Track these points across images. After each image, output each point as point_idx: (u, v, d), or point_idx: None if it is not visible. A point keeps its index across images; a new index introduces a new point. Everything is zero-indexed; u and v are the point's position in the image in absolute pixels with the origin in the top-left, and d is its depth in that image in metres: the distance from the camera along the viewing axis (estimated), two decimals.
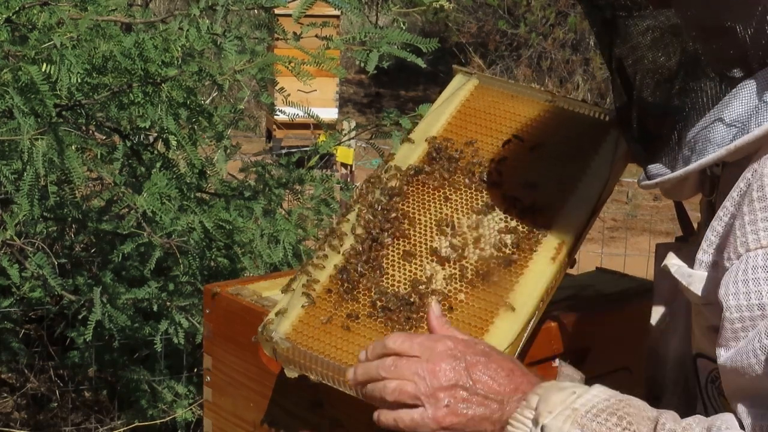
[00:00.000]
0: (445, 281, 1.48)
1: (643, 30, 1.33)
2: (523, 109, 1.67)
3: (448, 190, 1.58)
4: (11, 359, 4.00)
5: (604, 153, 1.57)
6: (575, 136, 1.61)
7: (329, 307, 1.48)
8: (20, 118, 2.59)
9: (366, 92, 16.17)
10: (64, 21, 2.76)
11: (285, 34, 3.08)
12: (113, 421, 3.98)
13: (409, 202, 1.57)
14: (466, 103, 1.73)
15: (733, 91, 1.23)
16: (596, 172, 1.56)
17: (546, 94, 1.70)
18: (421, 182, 1.59)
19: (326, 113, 8.99)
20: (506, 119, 1.66)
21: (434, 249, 1.51)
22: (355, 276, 1.49)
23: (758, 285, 1.12)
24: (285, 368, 1.46)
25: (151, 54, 2.78)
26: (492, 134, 1.65)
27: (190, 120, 3.03)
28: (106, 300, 3.04)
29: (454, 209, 1.56)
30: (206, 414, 1.85)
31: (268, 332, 1.47)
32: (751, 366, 1.12)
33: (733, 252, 1.17)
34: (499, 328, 1.42)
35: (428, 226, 1.54)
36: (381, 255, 1.51)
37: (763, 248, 1.13)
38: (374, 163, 8.69)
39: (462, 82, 1.78)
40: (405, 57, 3.05)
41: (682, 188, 1.37)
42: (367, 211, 1.56)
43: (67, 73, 2.65)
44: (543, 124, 1.64)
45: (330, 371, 1.41)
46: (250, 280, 1.85)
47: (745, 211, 1.16)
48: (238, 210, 3.19)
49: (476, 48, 13.58)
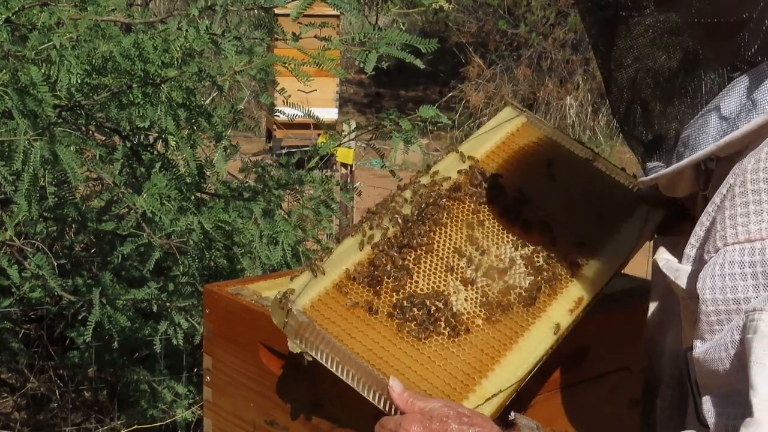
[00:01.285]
0: (465, 302, 1.51)
1: (642, 30, 1.35)
2: (564, 160, 1.74)
3: (483, 215, 1.63)
4: (11, 359, 4.00)
5: (634, 222, 1.65)
6: (609, 200, 1.69)
7: (352, 294, 1.48)
8: (19, 118, 2.59)
9: (366, 92, 16.17)
10: (64, 21, 2.76)
11: (284, 34, 3.08)
12: (113, 421, 3.98)
13: (445, 216, 1.61)
14: (512, 137, 1.78)
15: (726, 89, 1.25)
16: (624, 238, 1.63)
17: (587, 151, 1.77)
18: (460, 200, 1.64)
19: (326, 113, 8.99)
20: (546, 164, 1.73)
21: (460, 268, 1.55)
22: (382, 273, 1.51)
23: (734, 280, 1.14)
24: (290, 341, 1.44)
25: (151, 54, 2.78)
26: (530, 174, 1.71)
27: (189, 121, 3.02)
28: (106, 301, 3.04)
29: (486, 236, 1.60)
30: (206, 414, 1.85)
31: (286, 301, 1.44)
32: (722, 360, 1.13)
33: (712, 246, 1.19)
34: (510, 363, 1.44)
35: (459, 245, 1.58)
36: (409, 260, 1.54)
37: (740, 243, 1.15)
38: (374, 163, 8.69)
39: (510, 115, 1.82)
40: (403, 58, 3.05)
41: (678, 184, 1.39)
42: (403, 215, 1.59)
43: (66, 73, 2.65)
44: (581, 179, 1.71)
45: (338, 356, 1.40)
46: (250, 280, 1.85)
47: (727, 206, 1.18)
48: (238, 211, 3.19)
49: (476, 48, 13.57)
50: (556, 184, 1.67)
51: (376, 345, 1.42)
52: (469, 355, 1.44)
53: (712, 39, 1.25)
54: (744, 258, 1.13)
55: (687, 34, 1.31)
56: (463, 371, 1.41)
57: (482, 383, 1.40)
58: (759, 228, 1.14)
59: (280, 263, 3.17)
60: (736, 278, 1.14)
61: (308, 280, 1.50)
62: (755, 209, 1.15)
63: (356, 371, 1.38)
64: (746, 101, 1.21)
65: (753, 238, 1.14)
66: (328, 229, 3.59)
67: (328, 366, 1.41)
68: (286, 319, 1.43)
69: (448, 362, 1.42)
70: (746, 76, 1.22)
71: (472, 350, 1.44)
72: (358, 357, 1.38)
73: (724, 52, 1.25)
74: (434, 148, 11.75)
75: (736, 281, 1.13)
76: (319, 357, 1.42)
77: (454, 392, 1.37)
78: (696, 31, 1.28)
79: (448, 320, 1.47)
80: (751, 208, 1.15)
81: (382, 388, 1.35)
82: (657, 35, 1.34)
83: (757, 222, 1.14)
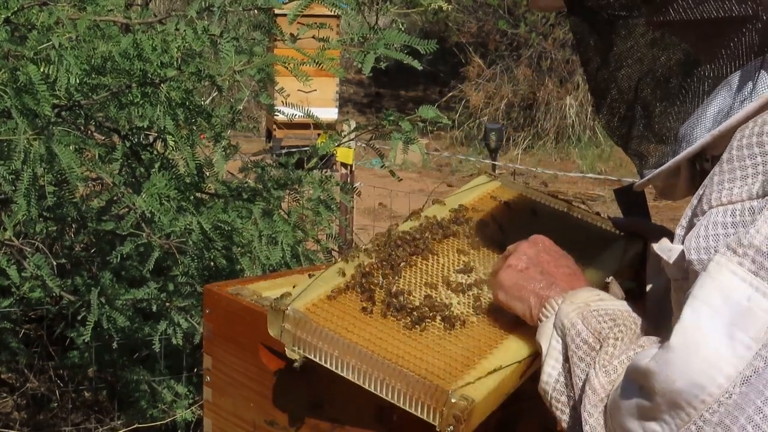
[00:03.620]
0: (459, 305, 1.53)
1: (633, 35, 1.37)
2: (542, 209, 1.87)
3: (470, 245, 1.71)
4: (11, 359, 4.00)
5: (614, 251, 1.74)
6: (588, 236, 1.79)
7: (347, 300, 1.50)
8: (18, 118, 2.59)
9: (366, 92, 16.18)
10: (63, 21, 2.76)
11: (283, 35, 3.08)
12: (113, 421, 3.98)
13: (435, 245, 1.68)
14: (490, 194, 1.89)
15: (716, 89, 1.28)
16: (606, 261, 1.70)
17: (562, 203, 1.89)
18: (447, 234, 1.72)
19: (326, 113, 8.99)
20: (529, 211, 1.86)
21: (451, 281, 1.60)
22: (376, 283, 1.54)
23: (717, 240, 1.18)
24: (287, 349, 1.45)
25: (149, 55, 2.78)
26: (511, 217, 1.82)
27: (188, 120, 3.02)
28: (105, 301, 3.04)
29: (473, 258, 1.67)
30: (206, 414, 1.85)
31: (282, 302, 1.45)
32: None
33: (699, 209, 1.23)
34: (509, 348, 1.45)
35: (450, 262, 1.64)
36: (403, 273, 1.59)
37: (723, 206, 1.19)
38: (374, 163, 8.69)
39: (484, 181, 1.93)
40: (401, 59, 3.05)
41: (675, 186, 1.40)
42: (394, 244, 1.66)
43: (65, 73, 2.65)
44: (560, 226, 1.80)
45: (337, 350, 1.40)
46: (250, 280, 1.85)
47: (716, 172, 1.22)
48: (237, 211, 3.19)
49: (476, 48, 13.57)
50: (535, 226, 1.71)
51: (374, 336, 1.43)
52: (466, 343, 1.45)
53: (703, 40, 1.29)
54: (726, 219, 1.18)
55: (678, 37, 1.34)
56: (462, 355, 1.42)
57: (482, 362, 1.41)
58: (740, 191, 1.18)
59: (280, 263, 3.17)
60: (719, 239, 1.18)
61: (304, 287, 1.51)
62: (740, 174, 1.19)
63: (356, 361, 1.38)
64: (734, 99, 1.25)
65: (734, 200, 1.18)
66: (328, 230, 3.59)
67: (328, 365, 1.41)
68: (283, 323, 1.44)
69: (447, 348, 1.43)
70: (736, 76, 1.26)
71: (469, 340, 1.46)
72: (357, 345, 1.39)
73: (715, 52, 1.28)
74: (434, 148, 11.76)
75: (719, 241, 1.18)
76: (318, 358, 1.42)
77: (455, 371, 1.38)
78: (688, 33, 1.31)
79: (445, 317, 1.49)
80: (737, 173, 1.20)
81: (384, 372, 1.36)
82: (648, 39, 1.36)
83: (740, 186, 1.18)
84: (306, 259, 3.31)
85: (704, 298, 1.14)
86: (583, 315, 1.34)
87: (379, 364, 1.37)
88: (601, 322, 1.32)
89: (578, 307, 1.35)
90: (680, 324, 1.15)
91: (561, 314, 1.36)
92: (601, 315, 1.33)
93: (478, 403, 1.32)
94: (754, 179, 1.18)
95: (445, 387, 1.33)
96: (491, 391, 1.37)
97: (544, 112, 12.79)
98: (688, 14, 1.27)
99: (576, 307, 1.35)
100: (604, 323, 1.32)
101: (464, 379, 1.35)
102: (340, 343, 1.40)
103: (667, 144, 1.35)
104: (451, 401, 1.31)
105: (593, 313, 1.34)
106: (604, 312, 1.34)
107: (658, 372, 1.15)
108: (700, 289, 1.15)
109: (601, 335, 1.31)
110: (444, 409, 1.31)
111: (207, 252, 3.18)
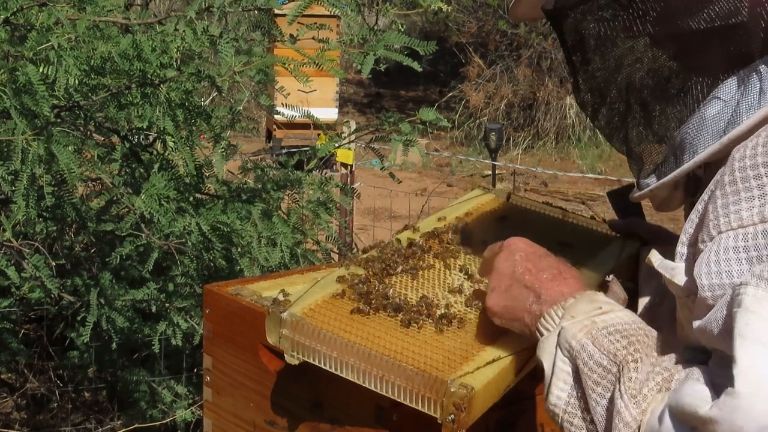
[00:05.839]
0: (455, 304, 1.54)
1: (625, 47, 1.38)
2: (536, 218, 1.89)
3: (463, 257, 1.71)
4: (11, 359, 4.00)
5: (611, 250, 1.75)
6: (583, 239, 1.81)
7: (344, 304, 1.51)
8: (17, 118, 2.59)
9: (366, 92, 16.18)
10: (62, 22, 2.76)
11: (282, 35, 3.08)
12: (113, 421, 3.98)
13: (428, 255, 1.69)
14: (483, 205, 1.90)
15: (710, 100, 1.29)
16: (602, 260, 1.70)
17: (557, 210, 1.91)
18: (439, 246, 1.73)
19: (326, 113, 9.00)
20: (518, 220, 1.87)
21: (449, 282, 1.61)
22: (372, 287, 1.55)
23: (729, 265, 1.17)
24: (286, 355, 1.46)
25: (149, 55, 2.78)
26: (504, 226, 1.83)
27: (187, 121, 3.02)
28: (104, 301, 3.04)
29: (468, 266, 1.67)
30: (206, 414, 1.85)
31: (279, 306, 1.46)
32: (712, 332, 1.18)
33: (707, 235, 1.22)
34: (506, 344, 1.46)
35: (445, 265, 1.66)
36: (399, 277, 1.60)
37: (734, 230, 1.18)
38: (374, 164, 8.70)
39: (479, 194, 1.95)
40: (401, 60, 3.05)
41: (673, 195, 1.41)
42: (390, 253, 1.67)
43: (65, 74, 2.65)
44: (555, 232, 1.81)
45: (335, 350, 1.41)
46: (249, 280, 1.85)
47: (718, 195, 1.22)
48: (237, 212, 3.19)
49: (476, 48, 13.57)
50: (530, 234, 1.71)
51: (372, 335, 1.44)
52: (464, 338, 1.46)
53: (698, 49, 1.29)
54: (738, 243, 1.17)
55: (671, 48, 1.34)
56: (460, 348, 1.43)
57: (480, 354, 1.42)
58: (750, 214, 1.18)
59: (279, 265, 3.17)
60: (731, 263, 1.17)
61: (302, 292, 1.52)
62: (746, 196, 1.19)
63: (355, 360, 1.39)
64: (731, 109, 1.25)
65: (745, 224, 1.18)
66: (327, 231, 3.59)
67: (327, 367, 1.42)
68: (281, 329, 1.45)
69: (444, 344, 1.44)
70: (730, 84, 1.27)
71: (466, 336, 1.47)
72: (355, 344, 1.40)
73: (710, 60, 1.29)
74: (434, 148, 11.76)
75: (731, 266, 1.17)
76: (318, 361, 1.43)
77: (453, 363, 1.39)
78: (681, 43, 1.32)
79: (441, 315, 1.49)
80: (742, 195, 1.19)
81: (383, 368, 1.36)
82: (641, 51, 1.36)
83: (749, 208, 1.18)
84: (305, 260, 3.31)
85: (754, 336, 1.11)
86: (592, 335, 1.29)
87: (377, 360, 1.37)
88: (613, 342, 1.28)
89: (584, 326, 1.31)
90: (738, 368, 1.11)
91: (566, 334, 1.31)
92: (611, 333, 1.29)
93: (478, 390, 1.33)
94: (762, 200, 1.17)
95: (444, 377, 1.33)
96: (490, 381, 1.37)
97: (544, 112, 12.79)
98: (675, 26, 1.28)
99: (582, 327, 1.31)
100: (617, 342, 1.28)
101: (463, 370, 1.37)
102: (338, 343, 1.41)
103: (666, 153, 1.35)
104: (450, 390, 1.31)
105: (602, 332, 1.29)
106: (613, 329, 1.29)
107: (723, 421, 1.11)
108: (745, 326, 1.12)
109: (617, 357, 1.26)
110: (444, 399, 1.32)
111: (206, 253, 3.18)
